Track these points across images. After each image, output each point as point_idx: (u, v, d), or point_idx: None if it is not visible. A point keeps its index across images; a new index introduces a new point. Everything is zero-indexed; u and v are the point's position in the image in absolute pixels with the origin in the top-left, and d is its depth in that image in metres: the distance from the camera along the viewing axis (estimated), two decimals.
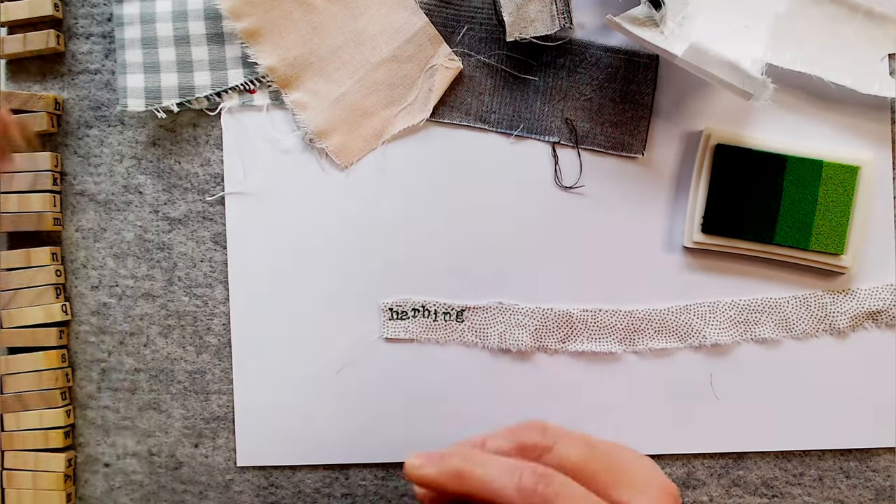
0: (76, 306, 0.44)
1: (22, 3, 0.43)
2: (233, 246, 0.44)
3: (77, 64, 0.44)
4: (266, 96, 0.44)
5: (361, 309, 0.44)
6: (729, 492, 0.44)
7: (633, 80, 0.42)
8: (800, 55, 0.41)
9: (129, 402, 0.45)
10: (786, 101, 0.42)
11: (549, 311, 0.43)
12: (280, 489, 0.44)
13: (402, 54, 0.43)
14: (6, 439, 0.43)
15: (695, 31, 0.39)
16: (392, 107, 0.43)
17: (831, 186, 0.41)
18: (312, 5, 0.43)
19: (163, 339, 0.44)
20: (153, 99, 0.43)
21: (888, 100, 0.42)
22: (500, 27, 0.41)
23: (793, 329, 0.43)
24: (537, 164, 0.43)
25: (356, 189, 0.44)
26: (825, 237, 0.41)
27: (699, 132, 0.42)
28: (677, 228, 0.43)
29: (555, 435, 0.29)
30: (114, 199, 0.44)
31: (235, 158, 0.44)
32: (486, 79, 0.43)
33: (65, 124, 0.45)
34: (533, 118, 0.43)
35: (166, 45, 0.43)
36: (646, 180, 0.43)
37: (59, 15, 0.44)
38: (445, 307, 0.43)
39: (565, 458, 0.28)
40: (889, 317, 0.43)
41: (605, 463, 0.29)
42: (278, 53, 0.43)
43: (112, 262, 0.44)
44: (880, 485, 0.44)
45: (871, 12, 0.41)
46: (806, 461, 0.44)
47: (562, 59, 0.43)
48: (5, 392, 0.43)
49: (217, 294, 0.44)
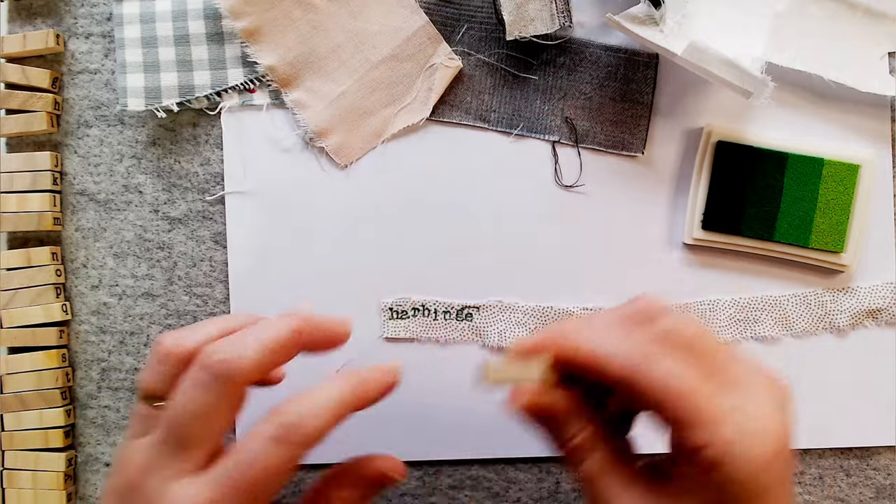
0: (76, 306, 0.44)
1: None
2: (233, 245, 0.44)
3: (77, 64, 0.44)
4: (266, 95, 0.44)
5: (361, 308, 0.44)
6: None
7: (633, 78, 0.43)
8: (799, 53, 0.41)
9: (130, 401, 0.44)
10: (786, 99, 0.42)
11: (549, 310, 0.43)
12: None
13: (402, 53, 0.43)
14: (6, 439, 0.43)
15: (694, 30, 0.39)
16: (392, 106, 0.43)
17: (831, 184, 0.41)
18: (312, 4, 0.43)
19: None
20: (153, 98, 0.43)
21: (888, 98, 0.42)
22: (499, 26, 0.41)
23: (793, 327, 0.43)
24: (537, 162, 0.43)
25: (356, 188, 0.44)
26: (825, 235, 0.41)
27: (699, 130, 0.42)
28: (677, 226, 0.43)
29: (664, 306, 0.27)
30: (114, 198, 0.44)
31: (235, 158, 0.44)
32: (485, 78, 0.43)
33: (65, 124, 0.45)
34: (533, 117, 0.43)
35: (166, 45, 0.43)
36: (646, 179, 0.43)
37: (59, 48, 0.44)
38: (445, 306, 0.43)
39: (677, 329, 0.26)
40: (889, 315, 0.43)
41: (717, 345, 0.26)
42: (278, 53, 0.43)
43: (112, 261, 0.44)
44: (881, 483, 0.44)
45: (870, 10, 0.41)
46: (806, 460, 0.44)
47: (562, 57, 0.43)
48: (5, 392, 0.43)
49: (217, 294, 0.44)
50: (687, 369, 0.25)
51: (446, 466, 0.44)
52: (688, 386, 0.24)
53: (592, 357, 0.26)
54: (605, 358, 0.26)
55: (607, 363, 0.26)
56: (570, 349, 0.27)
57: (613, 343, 0.26)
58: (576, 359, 0.27)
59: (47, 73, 0.43)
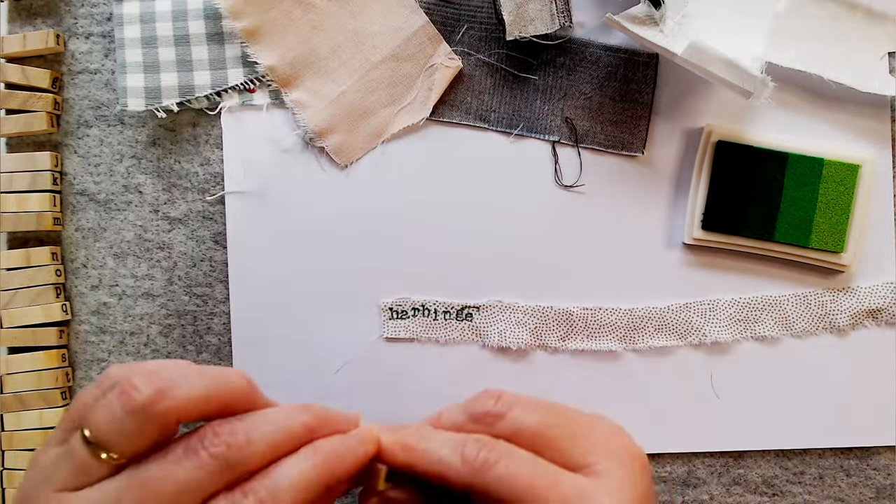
0: (76, 306, 0.44)
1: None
2: (233, 245, 0.44)
3: (77, 64, 0.44)
4: (266, 95, 0.44)
5: (361, 308, 0.44)
6: (729, 490, 0.44)
7: (633, 78, 0.43)
8: (799, 53, 0.41)
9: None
10: (786, 99, 0.42)
11: (549, 310, 0.43)
12: None
13: (402, 53, 0.43)
14: (6, 439, 0.43)
15: (694, 30, 0.39)
16: (392, 106, 0.43)
17: (832, 184, 0.41)
18: (312, 4, 0.43)
19: (163, 339, 0.44)
20: (153, 98, 0.43)
21: (888, 98, 0.42)
22: (499, 26, 0.41)
23: (793, 327, 0.43)
24: (537, 162, 0.43)
25: (356, 188, 0.44)
26: (825, 235, 0.41)
27: (699, 130, 0.42)
28: (677, 226, 0.43)
29: (509, 402, 0.29)
30: (114, 198, 0.44)
31: (235, 158, 0.44)
32: (485, 78, 0.43)
33: (65, 124, 0.45)
34: (533, 117, 0.43)
35: (166, 45, 0.43)
36: (646, 179, 0.43)
37: (59, 49, 0.44)
38: (445, 306, 0.43)
39: (521, 424, 0.28)
40: (889, 315, 0.43)
41: (567, 428, 0.28)
42: (278, 52, 0.43)
43: (112, 261, 0.44)
44: (881, 483, 0.44)
45: (870, 10, 0.41)
46: (806, 459, 0.44)
47: (561, 57, 0.43)
48: (5, 392, 0.43)
49: (217, 294, 0.44)
50: (521, 468, 0.26)
51: None
52: (524, 485, 0.26)
53: (433, 469, 0.27)
54: (443, 470, 0.27)
55: (446, 474, 0.27)
56: (409, 461, 0.28)
57: (450, 454, 0.27)
58: (415, 470, 0.28)
59: (47, 73, 0.43)
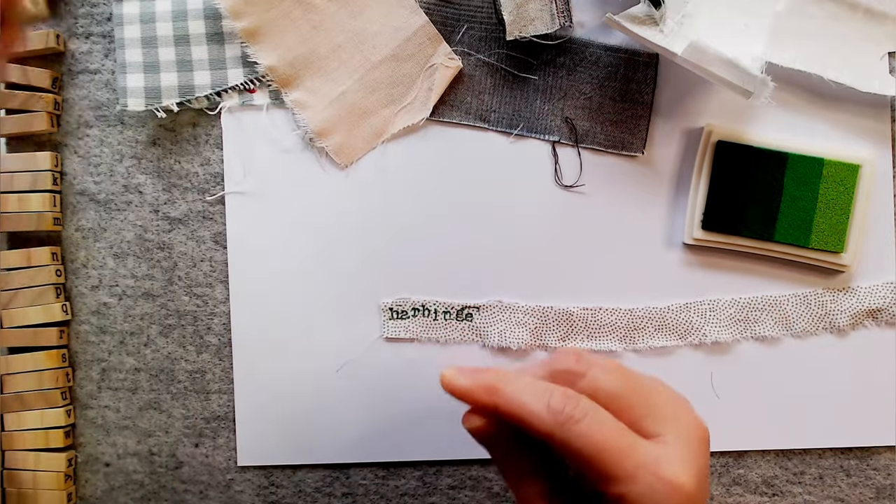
0: (76, 306, 0.44)
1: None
2: (233, 246, 0.44)
3: (77, 64, 0.44)
4: (266, 96, 0.44)
5: (361, 308, 0.44)
6: (729, 490, 0.44)
7: (633, 78, 0.43)
8: (799, 53, 0.41)
9: (130, 401, 0.44)
10: (786, 99, 0.42)
11: (549, 310, 0.43)
12: (280, 489, 0.44)
13: (402, 53, 0.43)
14: (6, 439, 0.43)
15: (694, 30, 0.39)
16: (392, 106, 0.43)
17: (832, 184, 0.41)
18: (312, 4, 0.43)
19: (163, 339, 0.44)
20: (153, 98, 0.43)
21: (888, 98, 0.42)
22: (499, 26, 0.41)
23: (793, 327, 0.43)
24: (537, 162, 0.43)
25: (356, 188, 0.44)
26: (825, 235, 0.41)
27: (699, 130, 0.42)
28: (677, 226, 0.43)
29: (588, 362, 0.29)
30: (114, 198, 0.44)
31: (235, 158, 0.44)
32: (485, 78, 0.43)
33: (65, 124, 0.45)
34: (533, 117, 0.43)
35: (166, 45, 0.43)
36: (646, 178, 0.43)
37: (60, 48, 0.44)
38: (445, 306, 0.43)
39: (598, 385, 0.28)
40: (889, 315, 0.43)
41: (641, 396, 0.29)
42: (278, 53, 0.43)
43: (112, 261, 0.44)
44: (881, 483, 0.44)
45: (870, 10, 0.41)
46: (806, 460, 0.44)
47: (562, 57, 0.43)
48: (6, 392, 0.43)
49: (217, 294, 0.44)
50: (603, 427, 0.27)
51: (446, 466, 0.44)
52: (603, 444, 0.27)
53: (517, 414, 0.28)
54: (528, 416, 0.28)
55: (530, 422, 0.28)
56: (494, 403, 0.29)
57: (536, 402, 0.28)
58: (498, 412, 0.29)
59: (47, 73, 0.43)
